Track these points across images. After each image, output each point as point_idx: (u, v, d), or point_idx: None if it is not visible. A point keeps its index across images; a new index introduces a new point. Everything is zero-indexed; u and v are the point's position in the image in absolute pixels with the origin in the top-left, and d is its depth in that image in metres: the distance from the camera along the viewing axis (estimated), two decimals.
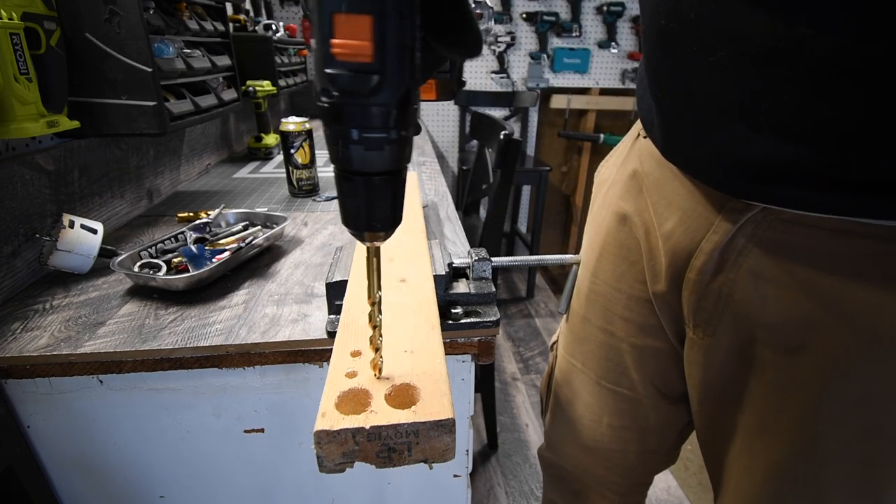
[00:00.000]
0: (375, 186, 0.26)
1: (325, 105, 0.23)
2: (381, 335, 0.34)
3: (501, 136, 1.25)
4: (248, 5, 1.70)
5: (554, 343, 0.70)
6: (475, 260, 0.56)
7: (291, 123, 1.01)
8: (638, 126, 0.53)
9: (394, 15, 0.21)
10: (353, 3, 0.21)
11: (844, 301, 0.36)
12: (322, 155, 1.35)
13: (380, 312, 0.34)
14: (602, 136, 2.60)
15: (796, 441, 0.41)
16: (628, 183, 0.52)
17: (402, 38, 0.22)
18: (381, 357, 0.34)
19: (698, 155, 0.41)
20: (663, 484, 1.46)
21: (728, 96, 0.35)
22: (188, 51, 0.95)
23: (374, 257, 0.31)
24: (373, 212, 0.27)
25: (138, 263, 0.67)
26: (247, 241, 0.72)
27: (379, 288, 0.33)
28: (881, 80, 0.28)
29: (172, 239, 0.74)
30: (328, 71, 0.22)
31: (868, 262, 0.34)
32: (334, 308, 0.54)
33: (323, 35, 0.22)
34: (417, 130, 0.28)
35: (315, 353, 0.55)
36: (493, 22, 2.60)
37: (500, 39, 2.62)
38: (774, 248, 0.38)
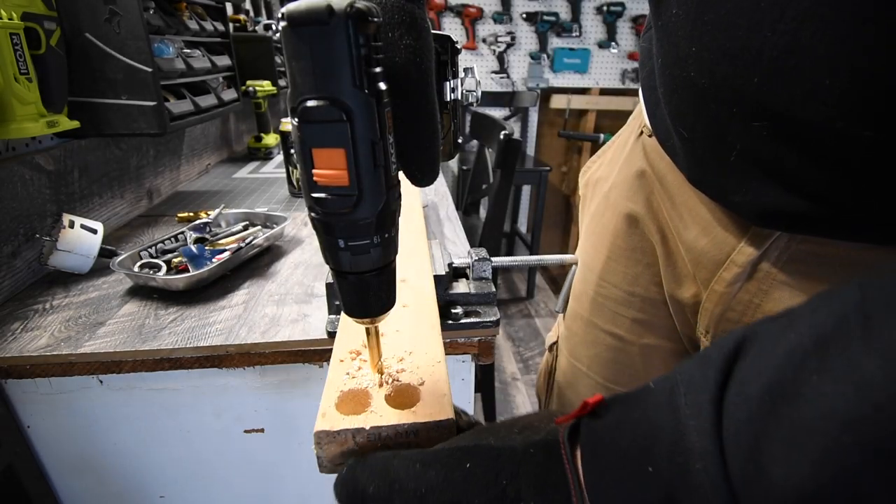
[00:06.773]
0: (368, 281, 0.28)
1: (314, 219, 0.26)
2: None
3: (501, 136, 1.25)
4: (248, 5, 1.70)
5: (553, 344, 0.69)
6: (475, 260, 0.56)
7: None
8: (639, 122, 0.52)
9: (365, 145, 0.24)
10: (328, 139, 0.23)
11: None
12: None
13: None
14: (602, 135, 2.60)
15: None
16: (635, 183, 0.51)
17: (374, 161, 0.24)
18: (380, 356, 0.34)
19: (730, 198, 0.40)
20: None
21: (768, 156, 0.34)
22: (188, 51, 0.95)
23: (374, 335, 0.33)
24: (368, 302, 0.30)
25: (138, 263, 0.67)
26: (247, 241, 0.72)
27: (380, 357, 0.35)
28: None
29: (172, 239, 0.74)
30: (313, 195, 0.25)
31: None
32: (334, 308, 0.54)
33: (305, 164, 0.24)
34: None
35: (315, 353, 0.55)
36: (493, 22, 2.61)
37: (500, 39, 2.62)
38: (810, 260, 0.38)
